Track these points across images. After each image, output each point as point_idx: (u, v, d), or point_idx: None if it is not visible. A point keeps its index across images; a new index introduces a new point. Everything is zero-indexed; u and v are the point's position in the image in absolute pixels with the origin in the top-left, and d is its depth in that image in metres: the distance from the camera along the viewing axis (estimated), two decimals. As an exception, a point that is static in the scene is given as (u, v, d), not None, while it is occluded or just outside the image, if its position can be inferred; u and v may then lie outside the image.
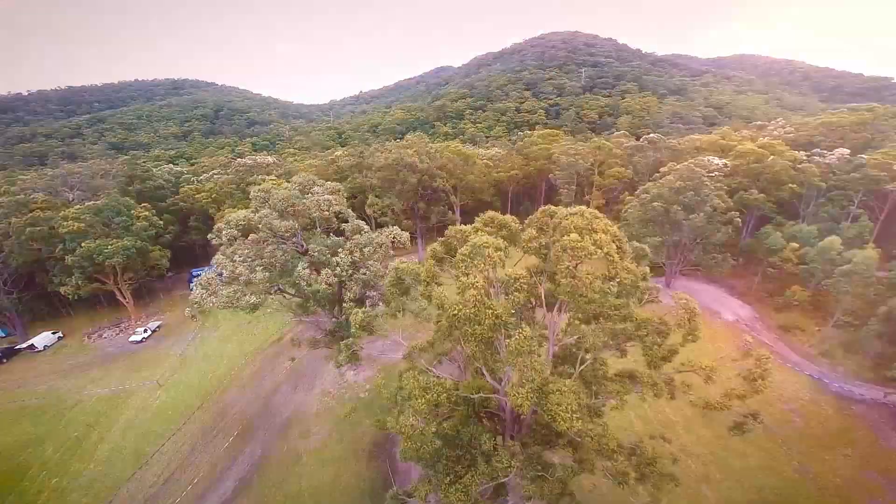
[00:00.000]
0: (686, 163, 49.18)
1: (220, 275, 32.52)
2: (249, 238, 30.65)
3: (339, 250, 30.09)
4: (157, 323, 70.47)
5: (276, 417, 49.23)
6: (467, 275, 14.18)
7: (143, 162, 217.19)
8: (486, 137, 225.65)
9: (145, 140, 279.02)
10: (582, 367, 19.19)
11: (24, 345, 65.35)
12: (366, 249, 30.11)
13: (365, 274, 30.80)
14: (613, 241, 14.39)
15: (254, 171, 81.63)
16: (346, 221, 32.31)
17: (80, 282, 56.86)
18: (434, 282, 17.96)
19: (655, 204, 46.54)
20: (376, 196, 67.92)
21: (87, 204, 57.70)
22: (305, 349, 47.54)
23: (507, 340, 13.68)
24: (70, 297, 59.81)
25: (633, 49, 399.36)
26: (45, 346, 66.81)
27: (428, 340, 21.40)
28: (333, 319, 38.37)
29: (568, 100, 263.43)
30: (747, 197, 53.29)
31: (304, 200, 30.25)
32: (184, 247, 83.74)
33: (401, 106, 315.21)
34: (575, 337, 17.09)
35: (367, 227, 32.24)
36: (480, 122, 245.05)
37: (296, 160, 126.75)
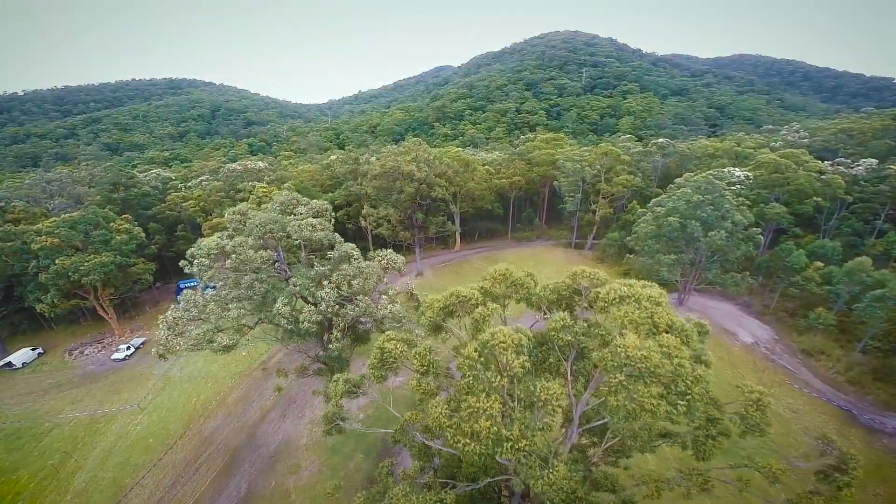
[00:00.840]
0: (704, 174, 45.69)
1: (201, 301, 29.06)
2: (226, 264, 27.33)
3: (325, 283, 26.72)
4: (142, 339, 66.97)
5: (264, 448, 45.90)
6: (476, 393, 10.64)
7: (135, 164, 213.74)
8: (486, 139, 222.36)
9: (140, 141, 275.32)
10: (609, 444, 15.82)
11: (2, 362, 61.94)
12: (354, 282, 26.72)
13: (354, 311, 27.41)
14: (683, 343, 10.99)
15: (244, 177, 78.03)
16: (333, 248, 28.81)
17: (55, 299, 53.38)
18: (431, 370, 14.47)
19: (671, 219, 43.13)
20: (371, 206, 64.44)
21: (62, 216, 54.15)
22: (293, 376, 44.20)
23: (531, 472, 10.41)
24: (47, 314, 56.41)
25: (633, 49, 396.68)
26: (24, 363, 63.57)
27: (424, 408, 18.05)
28: (321, 353, 34.98)
29: (569, 100, 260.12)
30: (768, 211, 49.85)
31: (286, 225, 26.77)
32: (172, 256, 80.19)
33: (400, 106, 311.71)
34: (606, 420, 13.76)
35: (356, 253, 28.79)
36: (480, 124, 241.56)
37: (290, 164, 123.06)
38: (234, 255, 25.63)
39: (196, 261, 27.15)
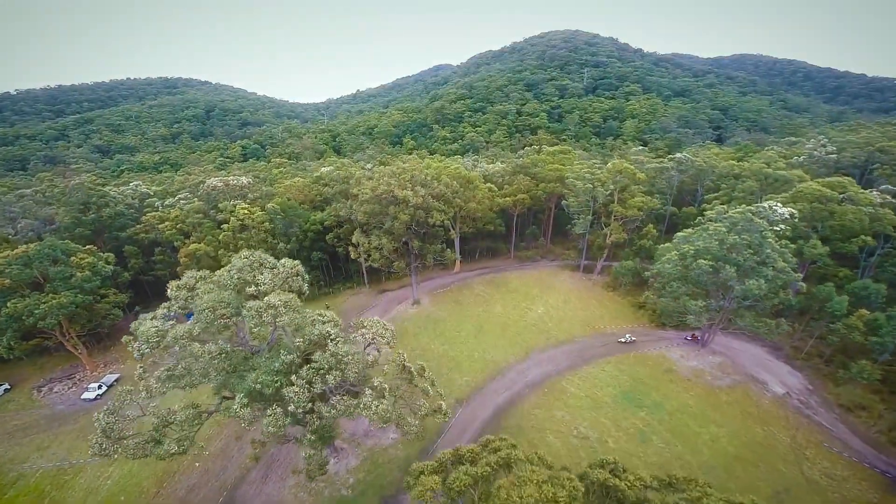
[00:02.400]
0: (742, 209, 40.19)
1: (143, 394, 23.88)
2: (177, 346, 22.25)
3: (294, 377, 21.48)
4: (115, 376, 61.61)
5: (244, 515, 41.02)
6: None
7: (124, 168, 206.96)
8: (487, 142, 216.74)
9: (132, 143, 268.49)
10: None
11: (-32, 400, 56.75)
12: (330, 376, 21.46)
13: (330, 412, 22.20)
14: None
15: (226, 195, 72.44)
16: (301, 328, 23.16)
17: (12, 342, 48.04)
18: None
19: (701, 262, 37.76)
20: (363, 232, 59.02)
21: (17, 250, 48.48)
22: (271, 442, 39.01)
23: None
24: (4, 356, 51.14)
25: (634, 48, 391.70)
26: (-9, 399, 58.55)
27: None
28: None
29: (571, 102, 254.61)
30: (807, 249, 44.34)
31: (242, 308, 21.41)
32: (151, 280, 74.67)
33: (398, 106, 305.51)
34: None
35: (334, 332, 23.38)
36: (480, 126, 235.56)
37: (280, 172, 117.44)
38: (177, 348, 20.54)
39: (137, 345, 22.05)
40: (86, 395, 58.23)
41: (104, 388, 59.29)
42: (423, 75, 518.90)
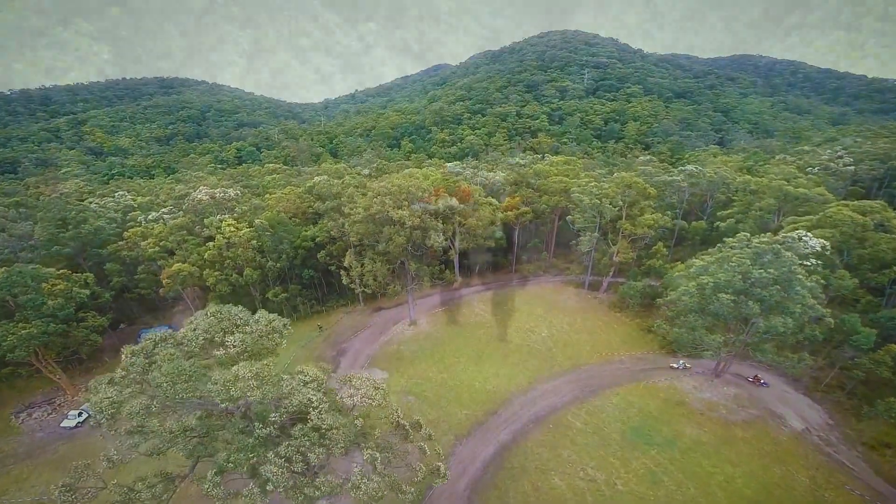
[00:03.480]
0: (768, 238, 37.22)
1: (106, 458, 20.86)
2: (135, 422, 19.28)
3: (271, 454, 18.53)
4: (96, 402, 58.37)
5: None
6: None
7: (116, 172, 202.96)
8: (486, 145, 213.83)
9: (125, 145, 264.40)
10: None
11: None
12: (312, 454, 18.52)
13: (313, 493, 19.29)
14: None
15: (212, 209, 69.23)
16: (277, 410, 19.65)
17: (-21, 373, 44.96)
18: None
19: (722, 296, 34.80)
20: (356, 252, 55.89)
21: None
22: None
23: None
24: (-28, 385, 48.02)
25: (634, 49, 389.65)
26: (-33, 426, 55.32)
27: None
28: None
29: (571, 104, 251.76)
30: (835, 281, 41.41)
31: (206, 383, 18.43)
32: (135, 298, 71.49)
33: (396, 108, 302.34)
34: None
35: (315, 397, 20.24)
36: (480, 129, 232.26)
37: (273, 180, 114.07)
38: (133, 424, 17.62)
39: (93, 411, 19.23)
40: (65, 423, 55.20)
41: (84, 415, 56.24)
42: (422, 75, 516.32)
